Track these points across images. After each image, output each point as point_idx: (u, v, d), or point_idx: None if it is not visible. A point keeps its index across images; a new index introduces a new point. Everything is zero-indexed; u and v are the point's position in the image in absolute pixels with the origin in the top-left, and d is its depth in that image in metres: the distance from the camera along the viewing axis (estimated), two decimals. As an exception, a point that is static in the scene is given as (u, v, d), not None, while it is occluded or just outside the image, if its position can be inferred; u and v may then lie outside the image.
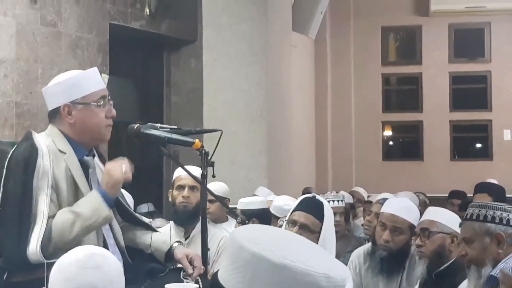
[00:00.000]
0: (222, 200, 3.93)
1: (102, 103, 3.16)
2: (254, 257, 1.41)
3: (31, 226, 2.93)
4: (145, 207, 7.16)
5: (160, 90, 9.40)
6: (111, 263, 2.14)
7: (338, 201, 5.97)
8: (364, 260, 4.66)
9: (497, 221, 3.11)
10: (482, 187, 6.66)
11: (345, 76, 14.09)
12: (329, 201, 5.66)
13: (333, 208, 5.49)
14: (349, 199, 7.31)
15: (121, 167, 3.10)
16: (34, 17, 6.89)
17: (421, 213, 4.37)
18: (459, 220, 4.03)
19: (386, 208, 4.46)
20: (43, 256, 2.87)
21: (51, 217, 2.96)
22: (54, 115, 3.18)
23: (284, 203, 5.75)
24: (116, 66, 8.07)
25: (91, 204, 3.03)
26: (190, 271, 3.19)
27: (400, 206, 4.43)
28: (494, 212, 3.12)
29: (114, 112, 3.21)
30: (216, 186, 6.21)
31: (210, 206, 5.77)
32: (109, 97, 3.22)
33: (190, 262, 3.23)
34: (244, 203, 5.70)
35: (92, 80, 3.20)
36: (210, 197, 5.38)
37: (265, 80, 9.19)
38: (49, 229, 2.93)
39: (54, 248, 2.91)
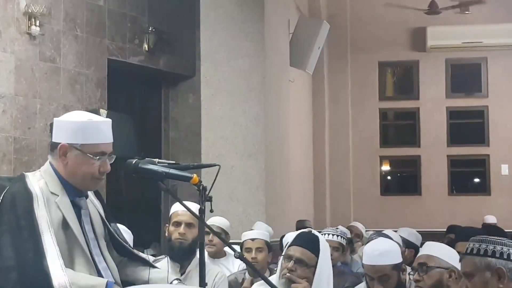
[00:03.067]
0: (219, 235, 3.93)
1: (98, 158, 3.13)
2: None
3: (46, 261, 2.92)
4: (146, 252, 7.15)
5: (158, 125, 9.44)
6: None
7: (333, 235, 5.97)
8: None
9: (497, 255, 3.09)
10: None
11: (342, 111, 14.14)
12: (324, 235, 5.68)
13: (328, 242, 5.50)
14: (347, 234, 7.30)
15: None
16: (33, 53, 6.94)
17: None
18: (457, 255, 4.02)
19: (365, 260, 4.41)
20: None
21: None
22: (53, 149, 3.19)
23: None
24: (114, 101, 8.11)
25: (93, 281, 3.02)
26: None
27: (376, 253, 4.32)
28: (494, 247, 3.11)
29: (108, 168, 3.18)
30: (217, 220, 6.24)
31: (214, 237, 5.81)
32: (111, 154, 3.20)
33: None
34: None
35: (100, 132, 3.17)
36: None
37: (263, 115, 9.21)
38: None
39: None
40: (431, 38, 13.88)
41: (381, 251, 4.29)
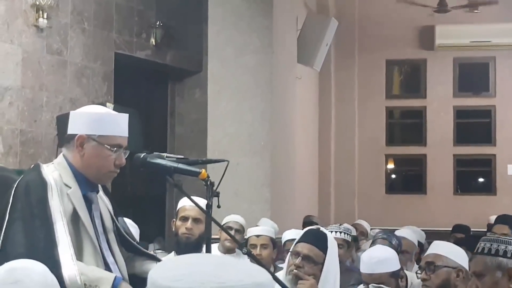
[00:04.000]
0: (226, 230, 3.90)
1: (115, 149, 3.14)
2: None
3: (56, 250, 2.92)
4: (151, 247, 7.16)
5: (164, 120, 9.42)
6: (33, 275, 2.11)
7: (336, 232, 5.94)
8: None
9: (509, 255, 3.06)
10: (504, 219, 6.63)
11: (349, 109, 14.10)
12: (331, 232, 5.65)
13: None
14: (352, 232, 7.28)
15: None
16: (40, 45, 6.92)
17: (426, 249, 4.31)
18: (464, 254, 4.00)
19: (362, 268, 4.40)
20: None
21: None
22: (68, 141, 3.18)
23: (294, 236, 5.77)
24: (120, 95, 8.09)
25: (102, 273, 3.02)
26: None
27: (373, 261, 4.30)
28: (506, 246, 3.08)
29: (123, 161, 3.20)
30: (235, 217, 6.28)
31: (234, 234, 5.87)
32: (126, 149, 3.21)
33: None
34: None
35: (118, 125, 3.18)
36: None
37: (269, 112, 9.19)
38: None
39: None
40: (440, 36, 13.82)
41: (378, 259, 4.29)
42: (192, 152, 8.93)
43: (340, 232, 5.96)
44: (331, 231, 5.87)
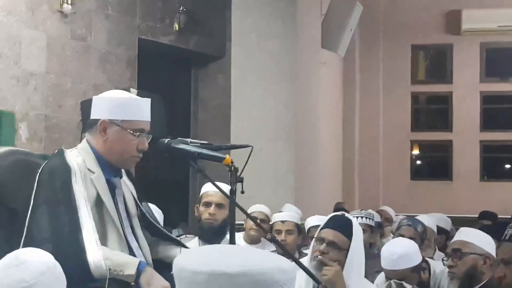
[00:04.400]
0: (251, 216, 3.88)
1: (138, 134, 3.14)
2: (211, 275, 1.45)
3: (81, 235, 2.92)
4: (174, 232, 7.16)
5: (187, 105, 9.41)
6: (37, 257, 2.11)
7: (357, 217, 5.88)
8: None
9: None
10: None
11: (374, 94, 14.02)
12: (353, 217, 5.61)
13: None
14: (376, 218, 7.24)
15: None
16: (64, 31, 6.93)
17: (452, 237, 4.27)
18: (491, 241, 3.96)
19: (383, 264, 4.35)
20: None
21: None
22: (91, 126, 3.19)
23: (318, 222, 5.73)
24: (144, 80, 8.09)
25: (126, 258, 3.02)
26: None
27: (394, 258, 4.25)
28: None
29: (146, 146, 3.20)
30: (260, 206, 6.27)
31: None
32: (148, 133, 3.20)
33: None
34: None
35: (140, 110, 3.19)
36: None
37: (293, 97, 9.15)
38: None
39: None
40: (466, 21, 13.68)
41: (399, 254, 4.25)
42: (215, 138, 8.92)
43: (362, 217, 5.90)
44: (354, 217, 5.83)
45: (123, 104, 3.16)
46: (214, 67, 9.29)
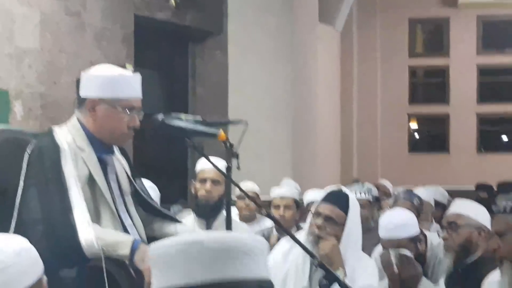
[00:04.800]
0: (246, 192, 3.89)
1: (128, 111, 3.09)
2: (185, 245, 1.46)
3: (72, 216, 2.91)
4: (173, 208, 7.17)
5: (185, 82, 9.39)
6: (11, 241, 2.11)
7: (360, 193, 5.88)
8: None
9: None
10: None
11: (371, 69, 14.00)
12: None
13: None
14: (374, 192, 7.24)
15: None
16: (58, 7, 6.88)
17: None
18: (486, 213, 3.97)
19: (381, 233, 4.36)
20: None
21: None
22: (81, 103, 3.15)
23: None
24: (141, 57, 8.05)
25: (119, 237, 3.01)
26: None
27: (391, 227, 4.27)
28: None
29: (137, 123, 3.14)
30: (249, 184, 6.25)
31: (249, 202, 5.83)
32: (140, 109, 3.16)
33: None
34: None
35: (130, 87, 3.13)
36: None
37: (290, 72, 9.15)
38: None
39: None
40: (463, -6, 13.65)
41: (397, 223, 4.26)
42: (213, 114, 8.91)
43: (361, 193, 5.90)
44: (353, 192, 5.81)
45: (112, 82, 3.09)
46: (211, 43, 9.26)
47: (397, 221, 4.28)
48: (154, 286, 1.48)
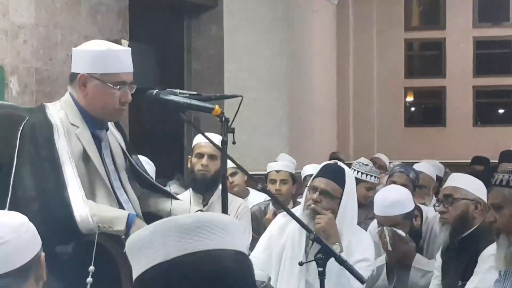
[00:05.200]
0: (242, 167, 3.89)
1: (119, 87, 3.07)
2: (157, 225, 1.46)
3: (66, 192, 2.90)
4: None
5: (180, 56, 9.36)
6: (10, 216, 2.14)
7: (363, 173, 5.78)
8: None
9: None
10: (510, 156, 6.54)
11: (367, 42, 13.94)
12: (362, 174, 5.58)
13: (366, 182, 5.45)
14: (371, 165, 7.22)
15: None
16: (53, -18, 6.84)
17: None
18: (483, 186, 3.98)
19: (376, 210, 4.37)
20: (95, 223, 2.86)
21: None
22: (72, 79, 3.14)
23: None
24: (136, 32, 8.02)
25: (115, 213, 3.00)
26: None
27: (386, 204, 4.28)
28: None
29: (129, 98, 3.12)
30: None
31: (234, 178, 5.72)
32: (132, 83, 3.14)
33: None
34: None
35: (120, 61, 3.10)
36: (232, 170, 5.41)
37: (287, 46, 9.12)
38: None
39: None
40: (459, -34, 13.57)
41: (392, 201, 4.28)
42: (209, 88, 8.90)
43: (367, 174, 5.79)
44: (358, 171, 5.73)
45: (102, 57, 3.07)
46: (207, 17, 9.22)
47: (391, 199, 4.29)
48: (134, 275, 1.46)
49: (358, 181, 5.44)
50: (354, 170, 5.60)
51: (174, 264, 1.41)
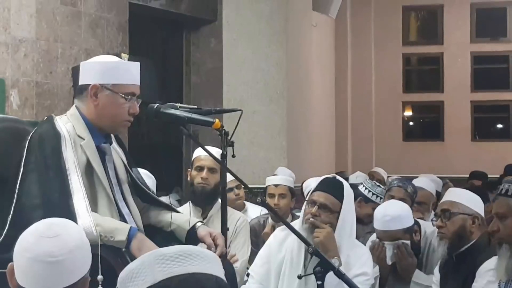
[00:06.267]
0: (241, 180, 3.92)
1: (129, 98, 3.13)
2: (142, 257, 1.65)
3: (71, 201, 2.93)
4: (166, 199, 7.15)
5: (179, 70, 9.39)
6: (71, 232, 2.12)
7: (375, 195, 5.64)
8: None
9: None
10: None
11: (365, 56, 13.99)
12: (373, 195, 5.52)
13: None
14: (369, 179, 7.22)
15: None
16: (54, -4, 6.88)
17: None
18: (480, 201, 4.00)
19: (376, 225, 4.37)
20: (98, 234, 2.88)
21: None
22: (81, 91, 3.19)
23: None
24: (135, 45, 8.06)
25: (117, 224, 3.03)
26: (213, 249, 3.18)
27: (387, 219, 4.26)
28: None
29: (137, 110, 3.19)
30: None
31: (239, 191, 5.74)
32: (138, 97, 3.20)
33: (213, 240, 3.22)
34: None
35: (130, 73, 3.17)
36: (237, 182, 5.44)
37: (285, 59, 9.15)
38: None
39: None
40: (456, -19, 13.64)
41: (392, 216, 4.27)
42: (208, 101, 8.92)
43: (377, 196, 5.62)
44: (370, 191, 5.59)
45: (113, 68, 3.14)
46: (206, 30, 9.25)
47: (392, 214, 4.29)
48: None
49: (367, 200, 5.42)
50: (366, 188, 5.50)
51: (161, 286, 1.57)
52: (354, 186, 4.75)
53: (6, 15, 6.38)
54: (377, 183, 5.75)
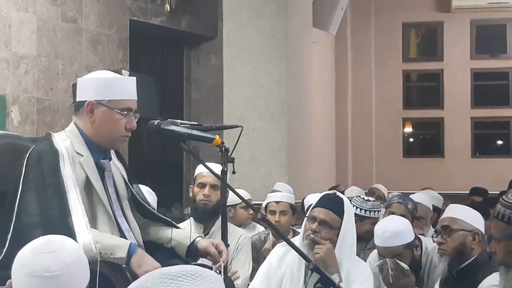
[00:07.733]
0: (241, 197, 3.92)
1: (125, 113, 3.14)
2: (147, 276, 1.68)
3: (70, 218, 2.92)
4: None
5: (180, 86, 9.40)
6: (68, 248, 2.12)
7: (371, 211, 5.59)
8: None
9: None
10: None
11: (365, 73, 14.02)
12: (366, 211, 5.49)
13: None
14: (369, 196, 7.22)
15: None
16: (55, 13, 6.91)
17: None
18: (481, 217, 3.99)
19: (376, 241, 4.36)
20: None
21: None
22: (78, 108, 3.19)
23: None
24: (136, 62, 8.08)
25: (117, 241, 3.03)
26: (217, 257, 3.18)
27: (387, 235, 4.26)
28: None
29: (134, 125, 3.19)
30: (240, 192, 6.23)
31: (233, 212, 5.84)
32: (136, 112, 3.20)
33: (216, 249, 3.22)
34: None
35: (126, 88, 3.17)
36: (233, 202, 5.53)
37: (285, 76, 9.16)
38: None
39: None
40: (456, -2, 13.69)
41: (392, 232, 4.27)
42: (208, 118, 8.93)
43: (370, 211, 5.59)
44: (361, 209, 5.53)
45: (108, 84, 3.14)
46: (206, 47, 9.27)
47: (392, 230, 4.28)
48: None
49: (362, 218, 5.38)
50: (357, 207, 5.44)
51: None
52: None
53: (7, 32, 6.41)
54: (366, 198, 5.70)
